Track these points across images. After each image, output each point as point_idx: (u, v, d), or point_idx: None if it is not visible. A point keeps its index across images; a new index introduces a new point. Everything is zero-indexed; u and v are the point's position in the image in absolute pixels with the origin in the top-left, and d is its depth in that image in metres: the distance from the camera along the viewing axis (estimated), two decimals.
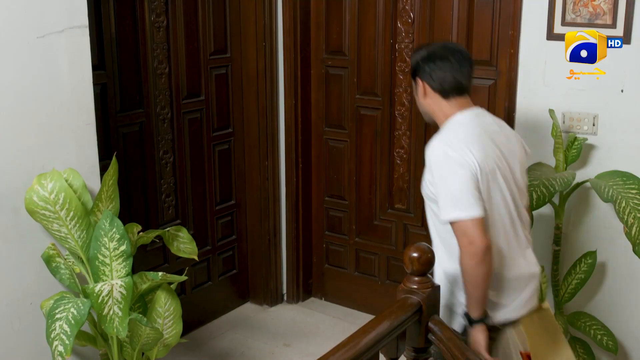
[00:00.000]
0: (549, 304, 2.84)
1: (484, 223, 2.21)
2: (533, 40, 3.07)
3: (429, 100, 2.42)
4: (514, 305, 2.37)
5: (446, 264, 2.36)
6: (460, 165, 2.23)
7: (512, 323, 2.42)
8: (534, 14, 3.04)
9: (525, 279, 2.39)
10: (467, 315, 2.30)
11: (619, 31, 2.85)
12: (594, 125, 3.00)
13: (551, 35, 3.01)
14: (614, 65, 2.90)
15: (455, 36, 3.38)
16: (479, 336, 2.28)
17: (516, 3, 3.08)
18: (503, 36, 3.22)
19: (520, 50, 3.11)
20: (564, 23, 2.96)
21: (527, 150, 2.50)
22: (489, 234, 2.25)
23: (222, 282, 4.06)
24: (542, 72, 3.07)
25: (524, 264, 2.39)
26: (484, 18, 3.30)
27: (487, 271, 2.22)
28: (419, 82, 2.42)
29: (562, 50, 2.96)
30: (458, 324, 2.37)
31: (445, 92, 2.38)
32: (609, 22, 2.88)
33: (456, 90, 2.38)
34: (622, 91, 2.92)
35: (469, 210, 2.19)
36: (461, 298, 2.33)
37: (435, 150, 2.30)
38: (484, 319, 2.27)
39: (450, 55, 2.38)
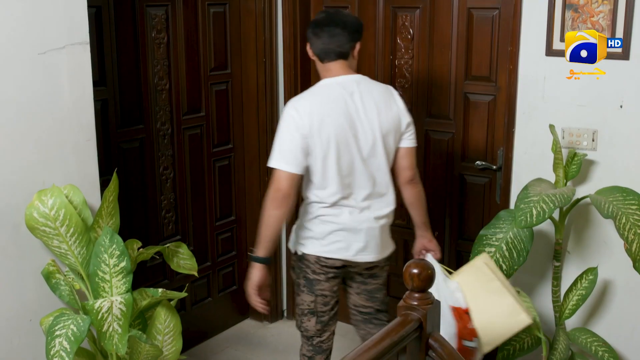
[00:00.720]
0: (487, 258, 2.90)
1: (294, 179, 2.63)
2: (532, 56, 3.08)
3: (314, 61, 2.81)
4: (344, 249, 2.74)
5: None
6: (296, 126, 2.62)
7: (353, 266, 2.82)
8: (532, 30, 3.05)
9: (355, 230, 2.73)
10: (251, 253, 2.77)
11: (618, 47, 2.86)
12: (593, 140, 3.00)
13: (550, 51, 3.02)
14: (613, 81, 2.91)
15: (454, 52, 3.40)
16: (254, 273, 2.74)
17: (515, 19, 3.09)
18: (502, 52, 3.24)
19: (520, 66, 3.12)
20: (562, 39, 2.97)
21: (404, 120, 2.77)
22: (298, 187, 2.68)
23: (222, 298, 4.05)
24: (542, 87, 3.08)
25: (358, 219, 2.73)
26: (483, 34, 3.31)
27: (279, 216, 2.66)
28: (307, 45, 2.80)
29: (561, 65, 2.97)
30: (292, 243, 2.87)
31: (320, 57, 2.75)
32: None
33: (327, 56, 2.73)
34: (621, 107, 2.93)
35: (286, 164, 2.61)
36: (300, 231, 2.81)
37: (287, 107, 2.70)
38: (265, 260, 2.73)
39: (326, 24, 2.72)
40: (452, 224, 3.60)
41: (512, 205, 3.19)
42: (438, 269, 2.80)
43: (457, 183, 3.54)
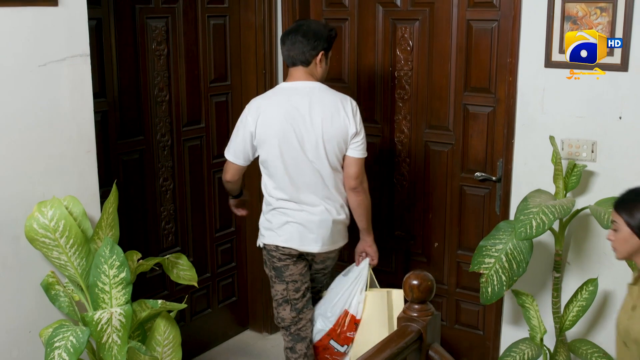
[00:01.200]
0: (397, 295, 3.09)
1: (237, 169, 3.06)
2: (531, 68, 3.09)
3: None
4: (297, 239, 2.99)
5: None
6: (245, 122, 2.95)
7: (310, 255, 3.07)
8: (531, 42, 3.06)
9: (308, 223, 2.97)
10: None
11: (617, 59, 2.87)
12: (592, 152, 3.01)
13: (549, 63, 3.03)
14: (612, 92, 2.92)
15: (454, 63, 3.41)
16: (231, 200, 3.38)
17: (514, 31, 3.10)
18: (501, 64, 3.25)
19: (519, 77, 3.13)
20: (561, 51, 2.98)
21: (351, 130, 2.93)
22: (241, 175, 3.13)
23: (221, 309, 4.05)
24: (541, 99, 3.09)
25: (311, 212, 2.97)
26: (483, 46, 3.32)
27: (227, 185, 3.20)
28: None
29: (560, 77, 2.99)
30: (258, 239, 3.14)
31: (286, 62, 2.99)
32: None
33: (289, 62, 2.96)
34: (620, 118, 2.94)
35: (231, 154, 3.03)
36: (262, 224, 3.11)
37: (248, 104, 3.00)
38: (234, 196, 3.34)
39: (291, 32, 2.95)
40: (451, 234, 3.60)
41: (511, 216, 3.19)
42: (365, 276, 3.08)
43: (456, 194, 3.55)
